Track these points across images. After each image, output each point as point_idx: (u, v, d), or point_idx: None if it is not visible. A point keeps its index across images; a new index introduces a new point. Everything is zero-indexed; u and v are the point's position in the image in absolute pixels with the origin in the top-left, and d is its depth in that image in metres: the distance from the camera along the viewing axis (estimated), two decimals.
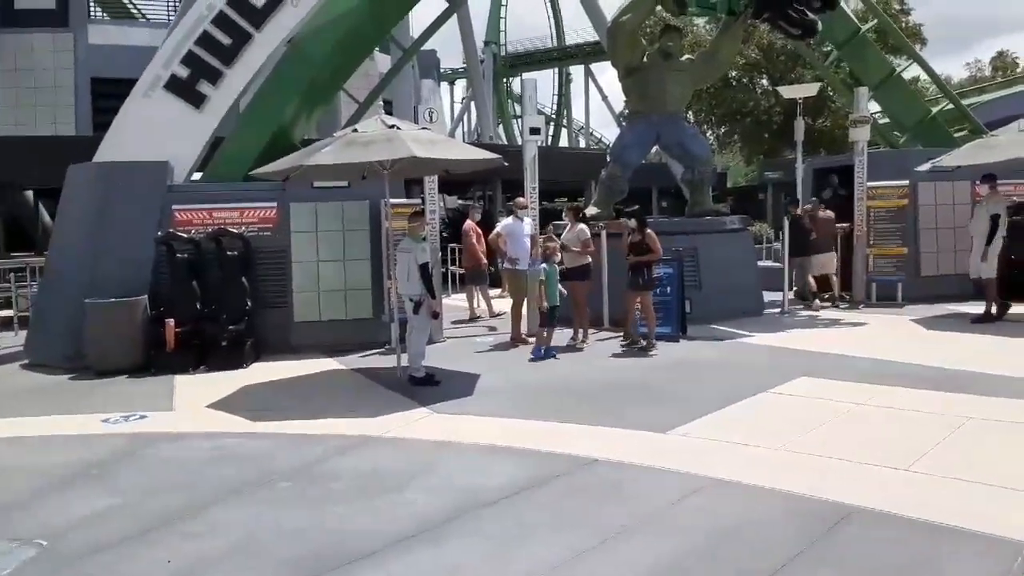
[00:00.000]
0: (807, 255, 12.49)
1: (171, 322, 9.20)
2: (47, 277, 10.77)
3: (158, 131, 10.24)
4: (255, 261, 9.93)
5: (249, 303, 9.65)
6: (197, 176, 11.14)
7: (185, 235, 9.77)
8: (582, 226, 9.95)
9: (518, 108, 58.28)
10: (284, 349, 9.84)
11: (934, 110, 15.32)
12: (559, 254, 9.35)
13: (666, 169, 26.57)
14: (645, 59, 12.47)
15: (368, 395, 7.68)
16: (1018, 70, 47.16)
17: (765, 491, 4.61)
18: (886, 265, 12.76)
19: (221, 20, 10.33)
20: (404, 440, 6.01)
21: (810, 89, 19.80)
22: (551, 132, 57.22)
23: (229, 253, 9.73)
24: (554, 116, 58.82)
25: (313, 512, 4.62)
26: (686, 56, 13.63)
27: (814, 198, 13.37)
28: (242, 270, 9.74)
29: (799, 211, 12.65)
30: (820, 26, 12.51)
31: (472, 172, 10.24)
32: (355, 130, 7.87)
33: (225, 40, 10.38)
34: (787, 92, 19.56)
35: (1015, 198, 11.91)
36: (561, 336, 9.67)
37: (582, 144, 59.57)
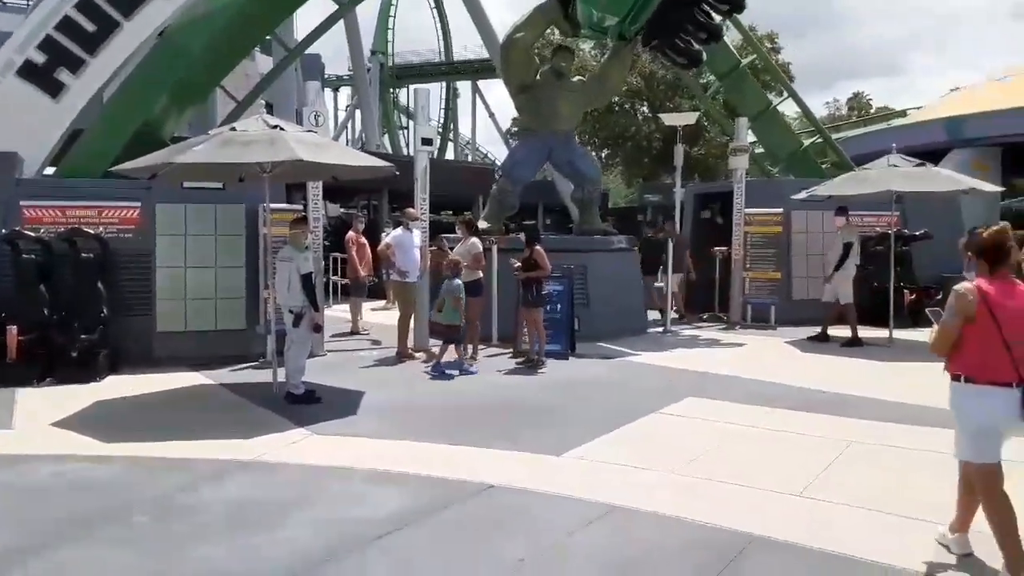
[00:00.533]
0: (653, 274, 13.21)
1: (13, 329, 8.23)
2: None
3: (8, 120, 9.25)
4: (114, 265, 9.07)
5: (105, 310, 8.80)
6: (51, 171, 10.11)
7: (33, 234, 8.79)
8: (474, 240, 9.71)
9: (404, 119, 57.87)
10: (145, 361, 9.03)
11: (806, 143, 16.14)
12: (462, 269, 9.06)
13: (552, 186, 26.97)
14: (538, 77, 12.44)
15: (239, 414, 7.07)
16: (872, 111, 51.17)
17: (666, 519, 4.47)
18: (761, 288, 13.25)
19: (85, 5, 9.50)
20: (280, 465, 5.51)
21: (689, 118, 20.55)
22: (437, 145, 56.93)
23: (84, 255, 8.85)
24: (441, 130, 58.56)
25: (173, 553, 4.07)
26: (577, 77, 13.71)
27: (667, 220, 13.93)
28: (98, 274, 8.88)
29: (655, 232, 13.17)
30: (704, 56, 12.91)
31: (358, 180, 9.79)
32: (233, 128, 7.30)
33: (89, 27, 9.53)
34: (668, 120, 20.21)
35: (877, 229, 12.73)
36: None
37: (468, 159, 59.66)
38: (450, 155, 60.28)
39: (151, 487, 5.03)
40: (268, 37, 24.51)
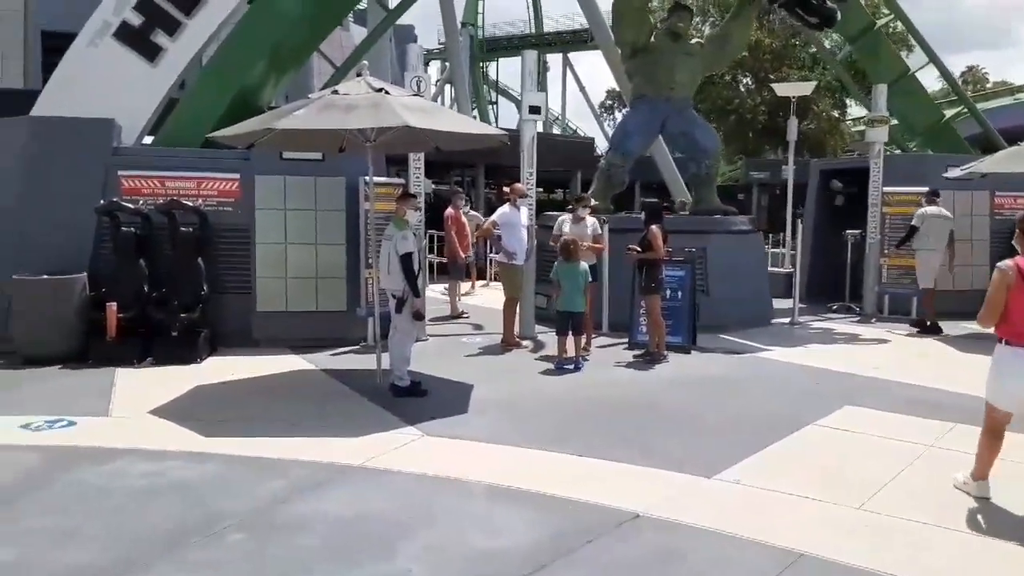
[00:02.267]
0: None
1: (113, 306, 7.94)
2: None
3: (104, 85, 8.91)
4: (213, 240, 8.67)
5: (205, 288, 8.41)
6: (149, 140, 9.80)
7: (132, 205, 8.46)
8: (593, 220, 8.87)
9: (493, 94, 57.11)
10: (244, 342, 8.66)
11: (947, 114, 14.54)
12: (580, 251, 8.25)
13: (650, 161, 25.74)
14: (652, 39, 11.43)
15: (343, 406, 6.51)
16: (988, 85, 47.41)
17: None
18: (900, 277, 11.90)
19: None
20: (390, 473, 4.87)
21: (805, 87, 19.05)
22: (544, 115, 55.97)
23: (183, 229, 8.47)
24: None
25: None
26: (695, 39, 12.60)
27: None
28: (197, 250, 8.49)
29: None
30: (839, 16, 11.61)
31: (454, 153, 9.08)
32: (335, 91, 6.66)
33: None
34: (781, 90, 18.77)
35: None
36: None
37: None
38: (539, 129, 59.25)
39: (249, 495, 4.47)
40: (363, 5, 24.18)
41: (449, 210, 12.18)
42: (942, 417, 6.17)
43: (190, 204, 8.56)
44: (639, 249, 8.43)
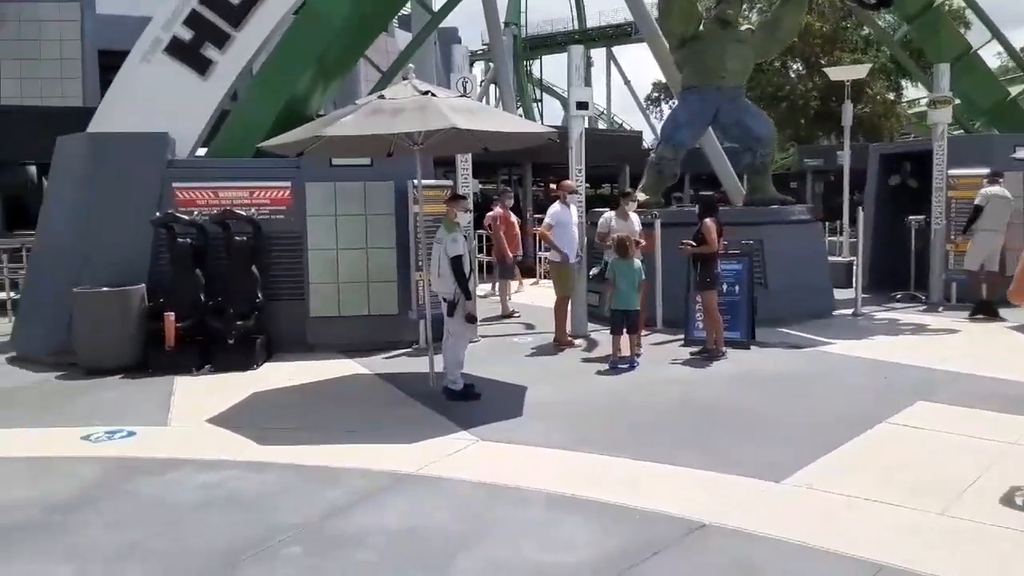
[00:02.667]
0: None
1: (171, 315, 8.06)
2: (33, 260, 9.65)
3: (158, 100, 9.06)
4: (266, 248, 8.74)
5: (260, 295, 8.48)
6: (202, 152, 9.94)
7: (187, 216, 8.58)
8: (609, 215, 8.71)
9: (538, 91, 56.91)
10: (299, 347, 8.70)
11: (1013, 92, 13.87)
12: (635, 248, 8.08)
13: (699, 152, 25.26)
14: (701, 27, 11.15)
15: (398, 410, 6.47)
16: None
17: None
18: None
19: None
20: (446, 481, 4.79)
21: (859, 71, 18.44)
22: (592, 111, 55.65)
23: (237, 238, 8.54)
24: None
25: None
26: (745, 26, 12.25)
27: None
28: (252, 258, 8.56)
29: None
30: None
31: (502, 152, 8.97)
32: (382, 96, 6.61)
33: None
34: (835, 74, 18.19)
35: None
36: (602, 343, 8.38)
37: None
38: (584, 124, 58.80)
39: (306, 505, 4.43)
40: (407, 11, 24.26)
41: (497, 209, 12.08)
42: (1022, 412, 5.83)
43: (243, 213, 8.63)
44: (693, 243, 8.21)
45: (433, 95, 6.44)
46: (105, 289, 8.14)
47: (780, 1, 11.99)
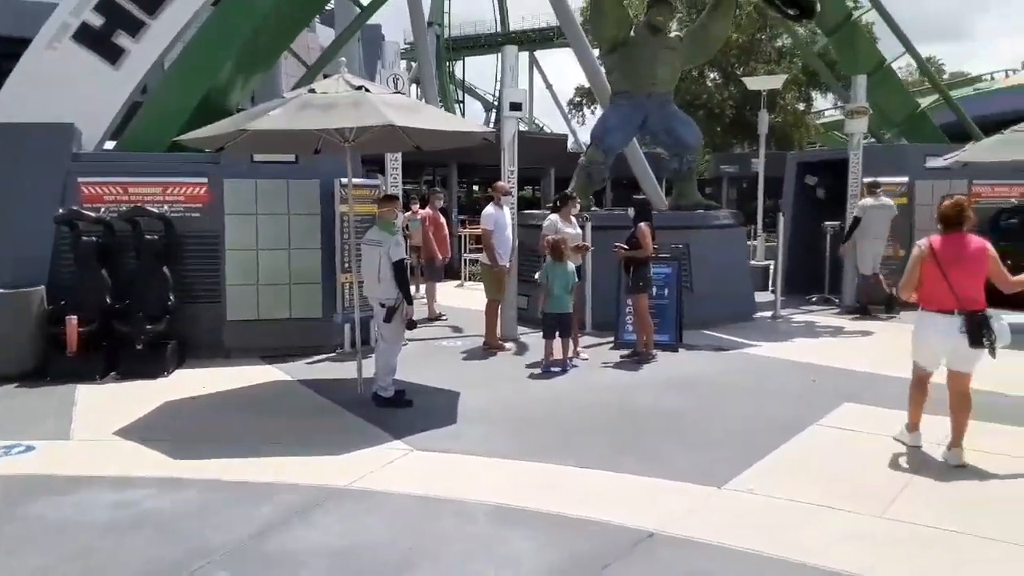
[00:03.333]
0: None
1: (73, 319, 7.49)
2: None
3: (64, 89, 8.50)
4: (180, 247, 8.26)
5: (172, 298, 8.00)
6: (110, 145, 9.35)
7: (94, 214, 8.02)
8: (554, 218, 8.61)
9: (460, 93, 56.66)
10: (214, 353, 8.28)
11: (923, 104, 14.54)
12: (568, 250, 7.96)
13: (620, 157, 25.60)
14: (632, 33, 11.20)
15: (324, 419, 6.18)
16: (944, 76, 48.08)
17: None
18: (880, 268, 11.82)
19: None
20: (382, 494, 4.55)
21: (775, 81, 19.05)
22: (493, 118, 55.74)
23: (148, 237, 8.05)
24: (496, 103, 57.32)
25: None
26: (674, 33, 12.40)
27: None
28: (164, 258, 8.08)
29: None
30: (819, 7, 11.50)
31: (427, 151, 8.75)
32: (312, 90, 6.31)
33: None
34: (752, 83, 18.73)
35: (1012, 200, 11.61)
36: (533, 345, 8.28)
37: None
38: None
39: (230, 525, 4.12)
40: (330, 6, 23.68)
41: (427, 210, 11.84)
42: (943, 413, 6.00)
43: (155, 211, 8.14)
44: (626, 247, 8.20)
45: (367, 91, 6.19)
46: (1, 290, 7.52)
47: (707, 9, 12.16)
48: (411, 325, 6.59)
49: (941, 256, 4.90)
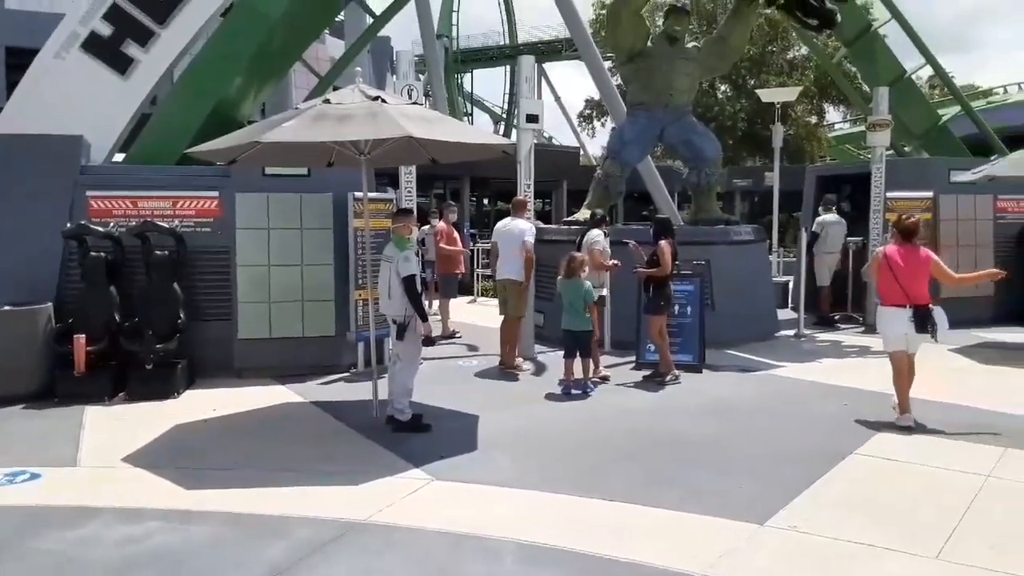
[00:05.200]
0: None
1: (81, 338, 7.28)
2: None
3: (72, 100, 8.33)
4: (190, 263, 8.06)
5: (182, 315, 7.78)
6: (119, 158, 9.18)
7: (102, 228, 7.83)
8: (599, 233, 8.37)
9: (468, 105, 56.66)
10: (225, 373, 8.07)
11: (944, 117, 14.27)
12: (585, 268, 7.71)
13: (632, 171, 25.40)
14: (649, 43, 11.01)
15: (340, 445, 5.94)
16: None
17: None
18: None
19: None
20: (403, 529, 4.30)
21: (790, 93, 18.79)
22: (502, 131, 55.71)
23: (158, 253, 7.85)
24: (504, 115, 57.32)
25: None
26: (692, 43, 12.20)
27: None
28: (174, 274, 7.88)
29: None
30: (839, 17, 11.27)
31: (441, 164, 8.55)
32: (327, 101, 6.11)
33: None
34: (767, 96, 18.47)
35: None
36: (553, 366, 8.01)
37: None
38: (513, 139, 58.92)
39: (245, 563, 3.89)
40: (340, 18, 23.60)
41: (440, 224, 11.62)
42: (986, 441, 5.75)
43: (165, 225, 7.94)
44: (647, 267, 7.96)
45: (384, 101, 5.98)
46: (7, 308, 7.33)
47: (726, 19, 11.96)
48: (428, 342, 6.40)
49: (893, 264, 6.19)
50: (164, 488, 4.93)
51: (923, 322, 6.11)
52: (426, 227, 11.58)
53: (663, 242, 7.99)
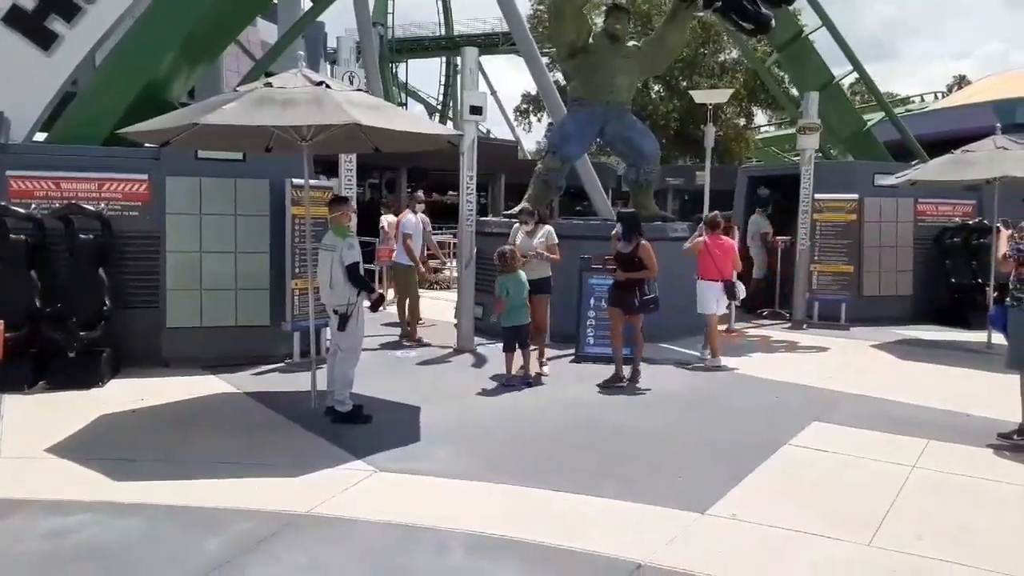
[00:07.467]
0: None
1: (0, 324, 6.88)
2: None
3: None
4: (117, 248, 7.74)
5: (108, 302, 7.48)
6: (41, 137, 8.73)
7: (23, 210, 7.44)
8: (549, 228, 8.38)
9: (403, 95, 56.03)
10: (152, 362, 7.80)
11: (869, 122, 14.86)
12: (520, 260, 7.68)
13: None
14: (591, 40, 11.08)
15: (277, 436, 5.80)
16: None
17: None
18: (829, 283, 11.99)
19: None
20: (346, 522, 4.23)
21: (722, 95, 19.21)
22: (437, 122, 55.35)
23: (82, 236, 7.51)
24: (439, 108, 56.95)
25: None
26: (631, 42, 12.34)
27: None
28: (99, 259, 7.56)
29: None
30: (774, 22, 11.58)
31: (379, 155, 8.52)
32: (269, 84, 5.93)
33: None
34: (700, 97, 18.81)
35: (955, 219, 12.31)
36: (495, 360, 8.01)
37: None
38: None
39: (180, 560, 3.74)
40: (274, 1, 22.99)
41: (389, 216, 11.61)
42: (910, 433, 6.02)
43: (91, 208, 7.60)
44: (622, 268, 7.83)
45: (328, 87, 5.85)
46: None
47: (664, 21, 12.14)
48: (377, 303, 6.49)
49: (711, 249, 8.47)
50: (92, 479, 4.72)
51: (730, 291, 8.54)
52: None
53: (645, 241, 7.84)
